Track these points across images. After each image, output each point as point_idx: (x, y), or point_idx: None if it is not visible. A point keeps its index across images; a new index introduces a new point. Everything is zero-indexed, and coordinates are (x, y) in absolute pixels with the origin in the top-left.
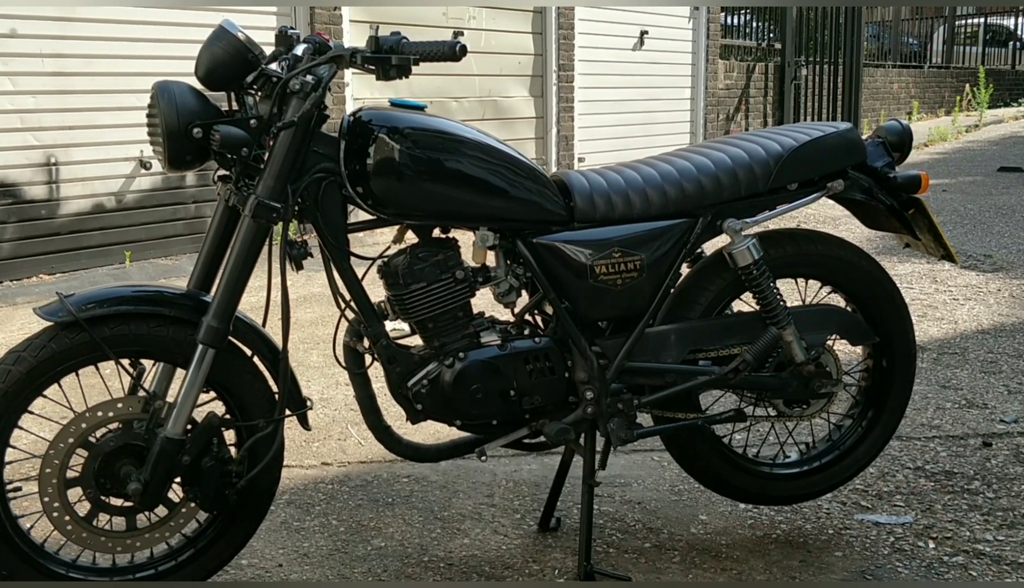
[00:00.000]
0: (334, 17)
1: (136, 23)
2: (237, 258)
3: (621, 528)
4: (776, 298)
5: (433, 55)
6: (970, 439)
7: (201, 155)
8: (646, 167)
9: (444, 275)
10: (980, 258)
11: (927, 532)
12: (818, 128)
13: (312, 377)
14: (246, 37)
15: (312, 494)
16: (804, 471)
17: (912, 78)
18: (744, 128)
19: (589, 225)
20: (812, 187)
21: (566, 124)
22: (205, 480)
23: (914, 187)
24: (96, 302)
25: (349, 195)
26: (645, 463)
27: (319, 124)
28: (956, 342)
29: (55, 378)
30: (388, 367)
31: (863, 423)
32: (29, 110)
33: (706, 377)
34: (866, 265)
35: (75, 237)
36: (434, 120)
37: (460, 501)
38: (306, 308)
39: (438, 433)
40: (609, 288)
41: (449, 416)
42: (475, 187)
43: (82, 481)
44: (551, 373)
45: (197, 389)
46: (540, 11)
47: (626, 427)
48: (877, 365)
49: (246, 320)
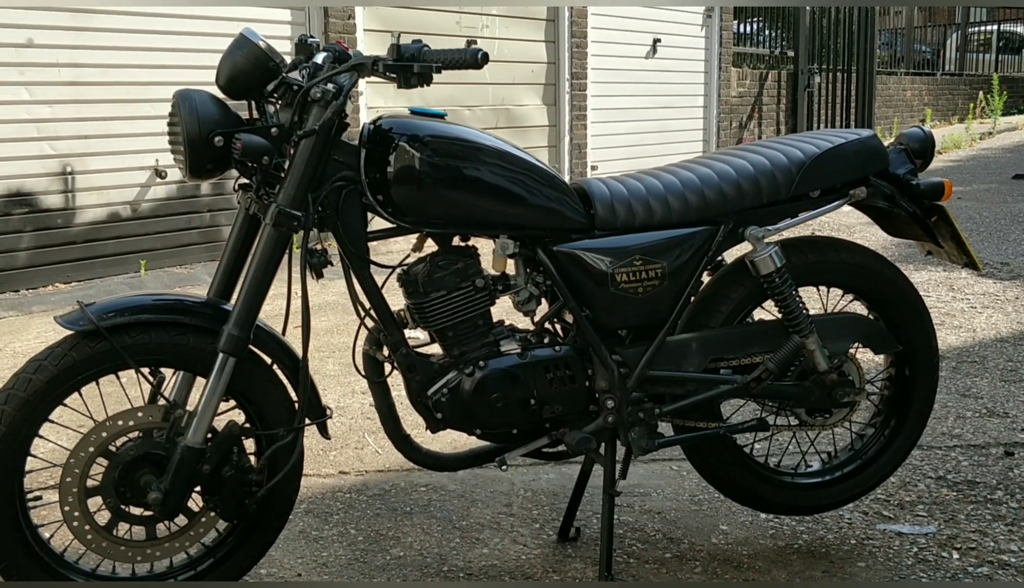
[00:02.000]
0: (348, 26)
1: (151, 32)
2: (258, 266)
3: (641, 538)
4: (798, 306)
5: (455, 63)
6: (992, 448)
7: (222, 164)
8: (667, 174)
9: (464, 283)
10: (997, 266)
11: (951, 542)
12: (840, 135)
13: (328, 386)
14: (267, 45)
15: (330, 503)
16: (826, 481)
17: (925, 85)
18: (757, 136)
19: (610, 233)
20: (834, 194)
21: (579, 132)
22: (225, 489)
23: (937, 194)
24: (117, 311)
25: (369, 203)
26: (664, 472)
27: (340, 132)
28: (975, 350)
29: (75, 387)
30: (408, 376)
31: (885, 432)
32: (45, 119)
33: (728, 386)
34: (888, 273)
35: (91, 246)
36: (454, 128)
37: (479, 510)
38: (322, 316)
39: (455, 442)
40: (630, 296)
41: (469, 425)
42: (495, 195)
43: (102, 490)
44: (571, 382)
45: (217, 398)
46: (553, 20)
47: (647, 436)
48: (900, 374)
49: (266, 329)
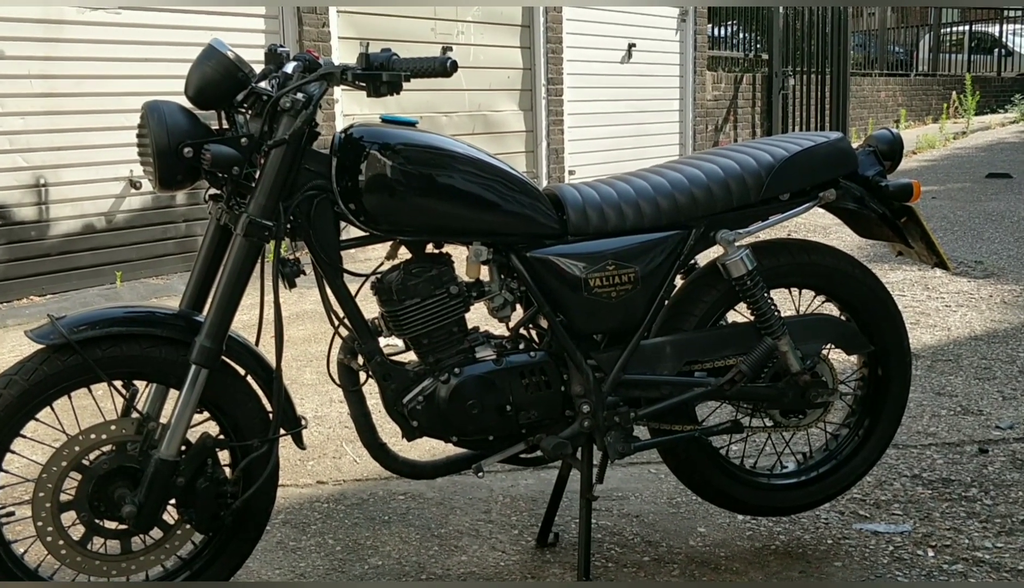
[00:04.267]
0: (323, 34)
1: (124, 43)
2: (229, 277)
3: (619, 542)
4: (770, 308)
5: (424, 71)
6: (966, 446)
7: (192, 174)
8: (638, 179)
9: (438, 290)
10: (971, 264)
11: (926, 540)
12: (809, 138)
13: (306, 395)
14: (235, 56)
15: (308, 513)
16: (802, 481)
17: (899, 86)
18: (733, 139)
19: (583, 238)
20: (804, 197)
21: (556, 137)
22: (200, 501)
23: (906, 195)
24: (88, 324)
25: (341, 212)
26: (642, 476)
27: (310, 141)
28: (950, 349)
29: (48, 401)
30: (383, 384)
31: (860, 432)
32: (18, 131)
33: (702, 388)
34: (859, 274)
35: (65, 258)
36: (425, 136)
37: (457, 518)
38: (299, 325)
39: (434, 449)
40: (603, 301)
41: (445, 432)
42: (468, 202)
43: (76, 504)
44: (547, 387)
45: (191, 410)
46: (528, 25)
47: (623, 440)
48: (872, 374)
49: (239, 339)
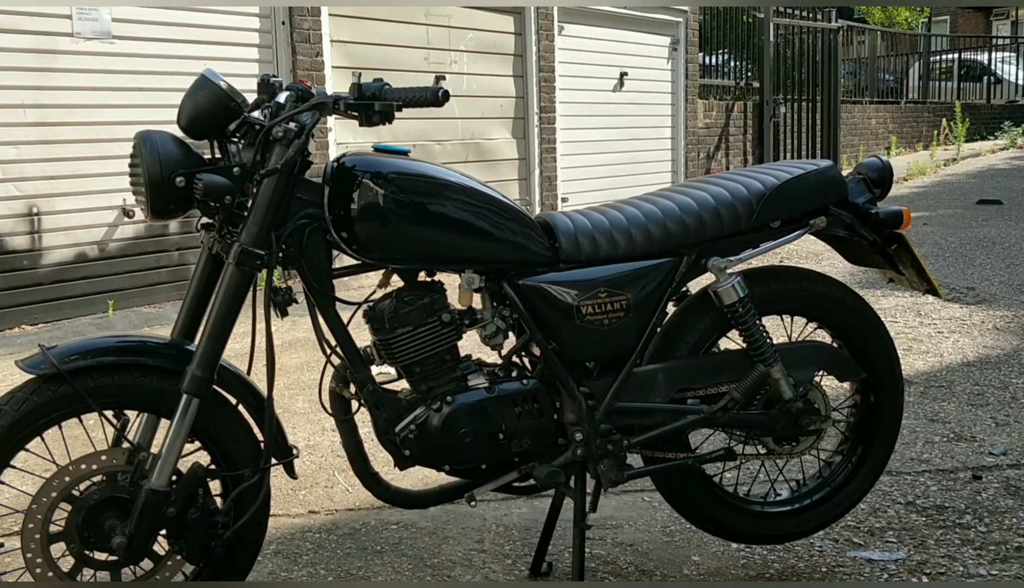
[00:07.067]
0: (316, 64)
1: (117, 72)
2: (221, 306)
3: (613, 571)
4: (762, 335)
5: (416, 101)
6: (960, 472)
7: (184, 204)
8: (630, 207)
9: (430, 318)
10: (963, 290)
11: (920, 568)
12: (799, 166)
13: (298, 424)
14: (228, 86)
15: (300, 543)
16: (795, 509)
17: (889, 114)
18: (724, 166)
19: (574, 266)
20: (795, 224)
21: (548, 165)
22: (191, 532)
23: (896, 222)
24: (79, 354)
25: (334, 240)
26: (636, 504)
27: (303, 170)
28: (942, 375)
29: (38, 431)
30: (375, 412)
31: (853, 459)
32: (11, 161)
33: (695, 416)
34: (851, 301)
35: (58, 287)
36: (417, 164)
37: (450, 547)
38: (291, 353)
39: (426, 478)
40: (596, 328)
41: (437, 461)
42: (460, 230)
43: (66, 535)
44: (539, 415)
45: (182, 439)
46: (520, 54)
47: (616, 468)
48: (865, 400)
49: (231, 368)
